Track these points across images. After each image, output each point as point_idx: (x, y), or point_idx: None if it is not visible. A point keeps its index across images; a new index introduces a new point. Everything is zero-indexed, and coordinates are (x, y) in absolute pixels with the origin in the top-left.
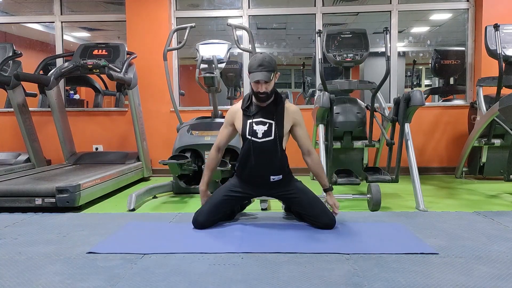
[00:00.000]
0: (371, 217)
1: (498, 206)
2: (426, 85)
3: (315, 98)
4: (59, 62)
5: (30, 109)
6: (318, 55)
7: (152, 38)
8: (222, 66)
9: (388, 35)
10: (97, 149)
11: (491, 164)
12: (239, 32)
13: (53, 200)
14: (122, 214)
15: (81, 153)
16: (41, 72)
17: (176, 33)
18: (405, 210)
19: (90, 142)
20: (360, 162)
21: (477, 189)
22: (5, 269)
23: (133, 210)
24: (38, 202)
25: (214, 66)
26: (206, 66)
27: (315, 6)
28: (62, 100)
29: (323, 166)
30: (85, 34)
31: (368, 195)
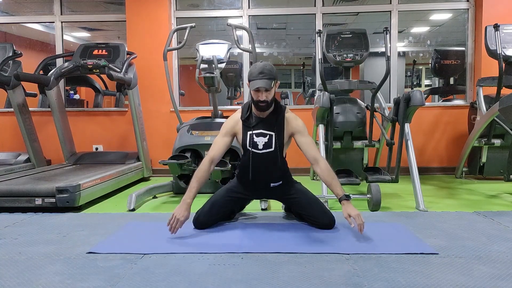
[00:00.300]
0: (371, 217)
1: (498, 206)
2: (426, 85)
3: (315, 98)
4: (59, 62)
5: (30, 109)
6: (318, 55)
7: (152, 38)
8: (222, 66)
9: (388, 35)
10: (97, 149)
11: (491, 164)
12: (239, 32)
13: (53, 200)
14: (122, 214)
15: (81, 153)
16: (41, 72)
17: (176, 33)
18: (405, 210)
19: (90, 142)
20: (360, 162)
21: (477, 189)
22: (5, 269)
23: (133, 210)
24: (38, 202)
25: (214, 66)
26: (206, 66)
27: (315, 6)
28: (62, 100)
29: (335, 174)
30: (85, 34)
31: (368, 195)
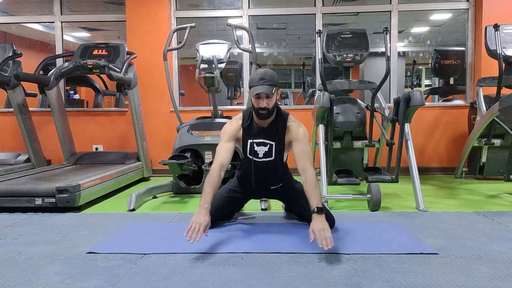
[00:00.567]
0: (371, 217)
1: (498, 206)
2: (426, 85)
3: (315, 98)
4: (59, 62)
5: (30, 109)
6: (318, 55)
7: (152, 38)
8: (222, 66)
9: (388, 35)
10: (97, 149)
11: (491, 164)
12: (239, 32)
13: (53, 200)
14: (122, 214)
15: (81, 153)
16: (41, 72)
17: (176, 33)
18: (405, 210)
19: (90, 142)
20: (360, 162)
21: (477, 189)
22: (5, 269)
23: (133, 210)
24: (38, 202)
25: (214, 66)
26: (206, 66)
27: (315, 6)
28: (62, 100)
29: (318, 187)
30: (85, 34)
31: (368, 195)
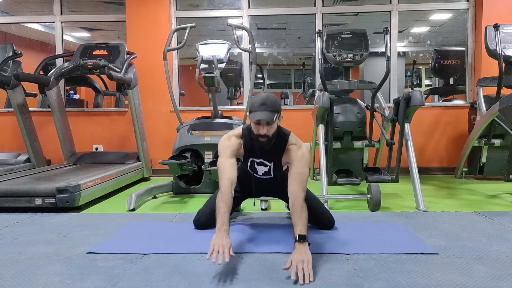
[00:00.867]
0: (371, 217)
1: (498, 206)
2: (426, 85)
3: (315, 98)
4: (59, 62)
5: (30, 109)
6: (318, 55)
7: (152, 38)
8: (222, 66)
9: (388, 35)
10: (97, 149)
11: (491, 164)
12: (239, 32)
13: (53, 200)
14: (122, 214)
15: (81, 153)
16: (41, 72)
17: (176, 33)
18: (405, 210)
19: (90, 142)
20: (360, 162)
21: (477, 189)
22: (5, 269)
23: (133, 210)
24: (38, 202)
25: (214, 66)
26: (206, 66)
27: (315, 6)
28: (62, 100)
29: (305, 213)
30: (85, 34)
31: (368, 195)
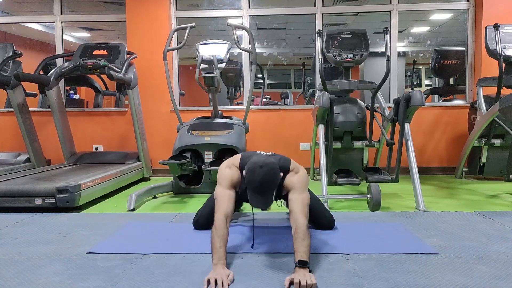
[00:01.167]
0: (371, 217)
1: (498, 206)
2: (426, 85)
3: (315, 98)
4: (59, 62)
5: (30, 109)
6: (318, 55)
7: (152, 38)
8: (222, 66)
9: (388, 35)
10: (97, 149)
11: (491, 164)
12: (239, 32)
13: (53, 200)
14: (122, 214)
15: (81, 153)
16: (41, 72)
17: (176, 33)
18: (405, 210)
19: (90, 142)
20: (360, 162)
21: (477, 189)
22: (5, 269)
23: (133, 210)
24: (38, 202)
25: (214, 66)
26: (206, 66)
27: (315, 6)
28: (62, 100)
29: (308, 239)
30: (85, 34)
31: (368, 195)
